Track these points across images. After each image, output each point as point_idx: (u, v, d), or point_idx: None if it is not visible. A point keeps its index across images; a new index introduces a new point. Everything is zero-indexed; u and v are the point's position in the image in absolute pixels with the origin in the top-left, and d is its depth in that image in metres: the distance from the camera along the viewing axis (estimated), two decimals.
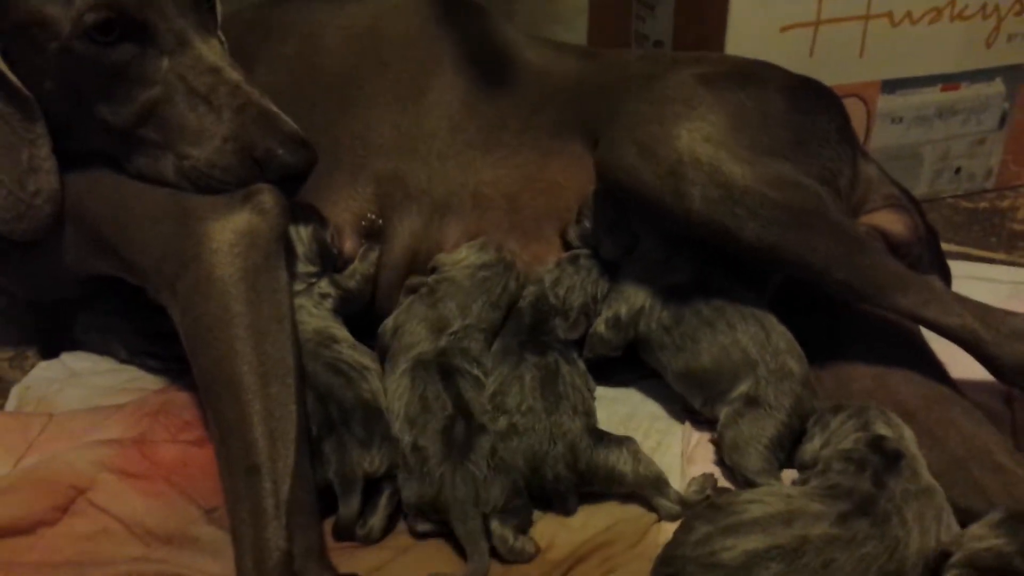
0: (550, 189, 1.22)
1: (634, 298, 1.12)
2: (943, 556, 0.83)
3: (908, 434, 0.95)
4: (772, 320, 1.07)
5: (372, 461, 0.94)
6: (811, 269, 1.02)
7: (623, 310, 1.12)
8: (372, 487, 0.95)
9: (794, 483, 0.96)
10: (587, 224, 1.18)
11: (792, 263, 1.03)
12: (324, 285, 1.09)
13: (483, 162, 1.22)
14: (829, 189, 1.10)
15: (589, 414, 1.03)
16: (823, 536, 0.83)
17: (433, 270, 1.16)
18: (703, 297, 1.09)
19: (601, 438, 0.98)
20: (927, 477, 0.90)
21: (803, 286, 1.08)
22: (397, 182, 1.20)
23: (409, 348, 1.06)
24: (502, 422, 0.99)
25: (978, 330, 0.98)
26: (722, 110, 1.09)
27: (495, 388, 1.03)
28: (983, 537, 0.82)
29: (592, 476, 0.97)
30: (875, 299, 1.01)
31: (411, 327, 1.09)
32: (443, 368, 1.03)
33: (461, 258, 1.15)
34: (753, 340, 1.05)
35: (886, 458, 0.90)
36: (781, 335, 1.06)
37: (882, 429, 0.94)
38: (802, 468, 0.98)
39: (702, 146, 1.04)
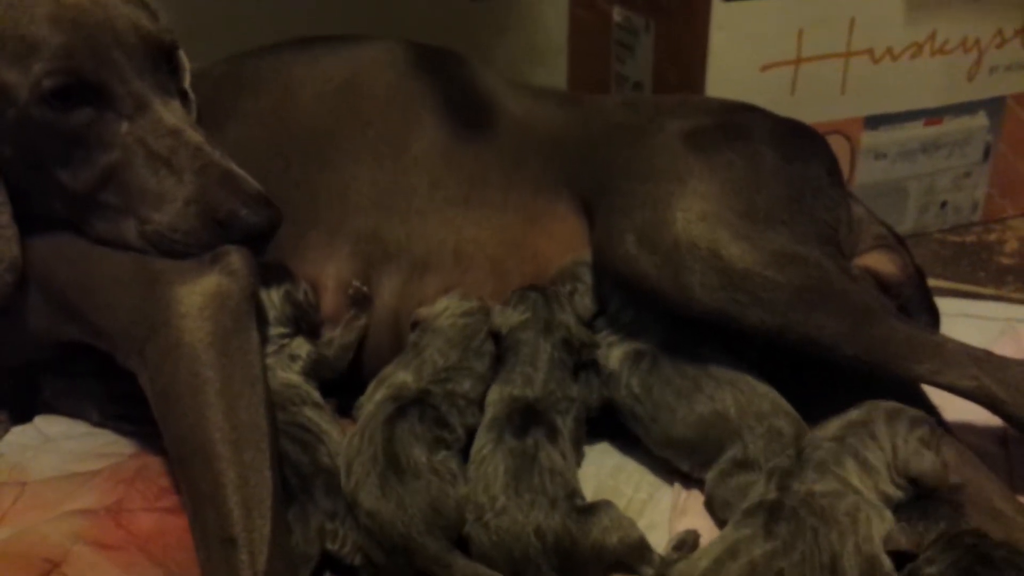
0: (535, 257, 1.20)
1: (603, 360, 1.11)
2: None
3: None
4: (750, 382, 1.04)
5: (335, 535, 0.92)
6: (820, 347, 1.00)
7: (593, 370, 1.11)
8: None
9: None
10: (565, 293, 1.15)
11: (800, 343, 1.00)
12: (296, 346, 1.07)
13: (464, 219, 1.20)
14: (831, 248, 1.08)
15: (571, 495, 0.95)
16: (765, 554, 0.84)
17: (415, 325, 1.13)
18: (673, 365, 1.06)
19: (585, 519, 0.93)
20: (838, 477, 0.90)
21: None
22: (376, 241, 1.17)
23: (390, 386, 1.04)
24: (470, 515, 0.94)
25: (996, 391, 0.96)
26: (713, 178, 1.07)
27: (471, 476, 0.97)
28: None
29: (583, 566, 0.92)
30: (888, 371, 0.99)
31: (398, 371, 1.07)
32: (411, 399, 1.00)
33: (442, 309, 1.13)
34: (734, 406, 1.01)
35: (796, 463, 0.92)
36: (763, 396, 1.02)
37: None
38: None
39: (698, 227, 1.03)
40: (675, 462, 1.06)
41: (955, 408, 1.04)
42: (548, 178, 1.23)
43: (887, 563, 0.86)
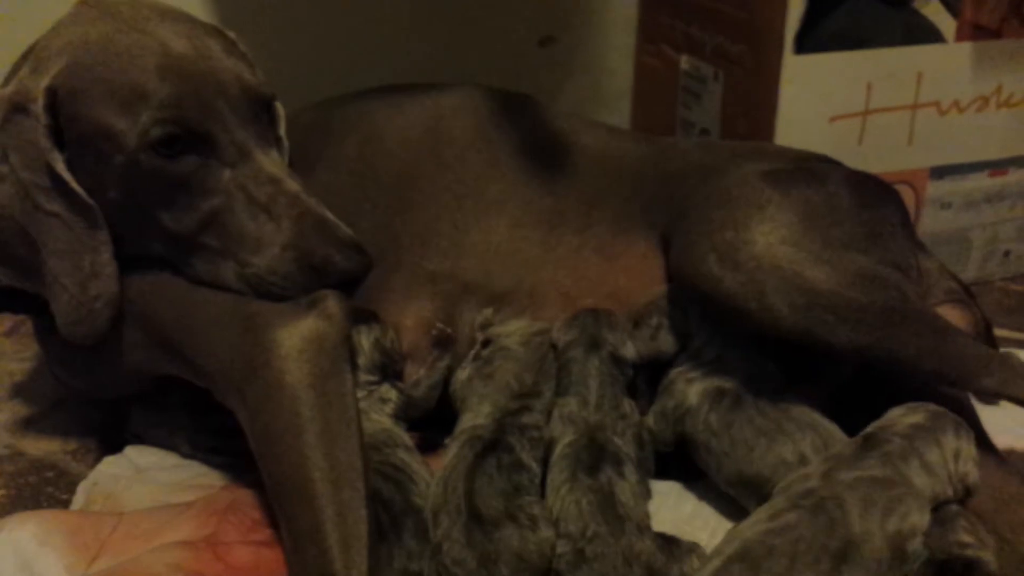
0: (613, 295, 1.22)
1: (681, 395, 1.12)
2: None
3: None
4: (828, 427, 1.05)
5: None
6: (902, 364, 1.02)
7: (670, 404, 1.12)
8: None
9: None
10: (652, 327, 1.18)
11: (884, 361, 1.03)
12: (385, 390, 1.11)
13: (542, 259, 1.23)
14: (905, 276, 1.11)
15: (651, 527, 0.99)
16: (760, 532, 0.88)
17: (486, 343, 1.17)
18: (754, 404, 1.08)
19: (672, 550, 0.96)
20: (898, 469, 0.93)
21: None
22: (454, 281, 1.21)
23: (466, 424, 1.07)
24: (565, 547, 0.95)
25: None
26: (791, 209, 1.10)
27: (556, 512, 0.99)
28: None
29: None
30: (962, 383, 1.04)
31: (472, 404, 1.09)
32: (486, 445, 1.02)
33: (513, 329, 1.16)
34: (812, 449, 1.03)
35: (859, 452, 0.96)
36: (839, 442, 1.03)
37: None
38: None
39: (780, 249, 1.06)
40: (742, 501, 1.07)
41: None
42: (626, 216, 1.26)
43: (915, 551, 0.89)
